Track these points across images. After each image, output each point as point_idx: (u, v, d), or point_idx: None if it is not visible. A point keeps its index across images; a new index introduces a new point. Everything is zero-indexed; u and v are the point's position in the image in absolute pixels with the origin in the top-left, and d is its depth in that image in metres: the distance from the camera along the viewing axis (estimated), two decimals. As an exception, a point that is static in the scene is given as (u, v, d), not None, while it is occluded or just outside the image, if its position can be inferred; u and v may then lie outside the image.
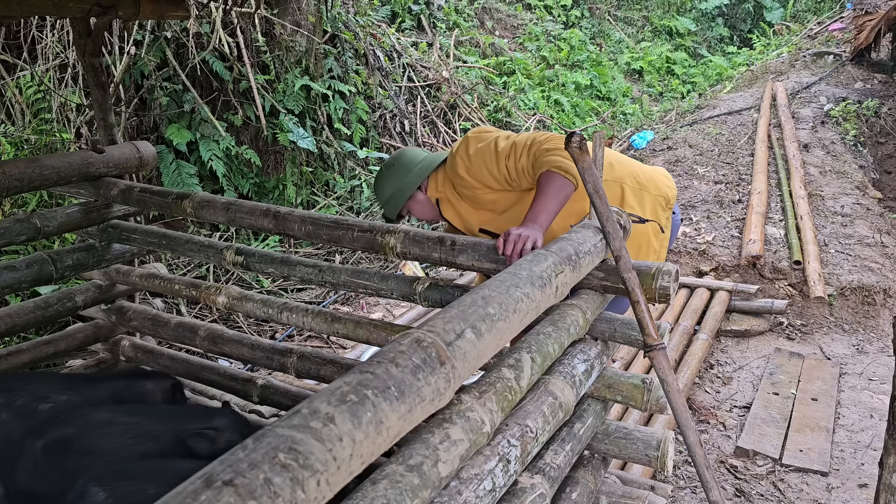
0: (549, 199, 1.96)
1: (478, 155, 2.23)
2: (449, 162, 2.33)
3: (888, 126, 7.11)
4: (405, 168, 2.40)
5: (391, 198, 2.41)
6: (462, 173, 2.26)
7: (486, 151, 2.21)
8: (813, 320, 4.24)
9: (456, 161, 2.27)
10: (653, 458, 1.95)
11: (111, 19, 2.57)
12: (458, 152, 2.28)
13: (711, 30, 13.22)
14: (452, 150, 2.33)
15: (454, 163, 2.28)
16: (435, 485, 1.12)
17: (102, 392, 2.19)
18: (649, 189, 2.33)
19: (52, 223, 2.52)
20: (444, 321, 1.19)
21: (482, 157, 2.22)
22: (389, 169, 2.43)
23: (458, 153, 2.28)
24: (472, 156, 2.24)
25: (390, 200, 2.41)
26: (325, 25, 5.89)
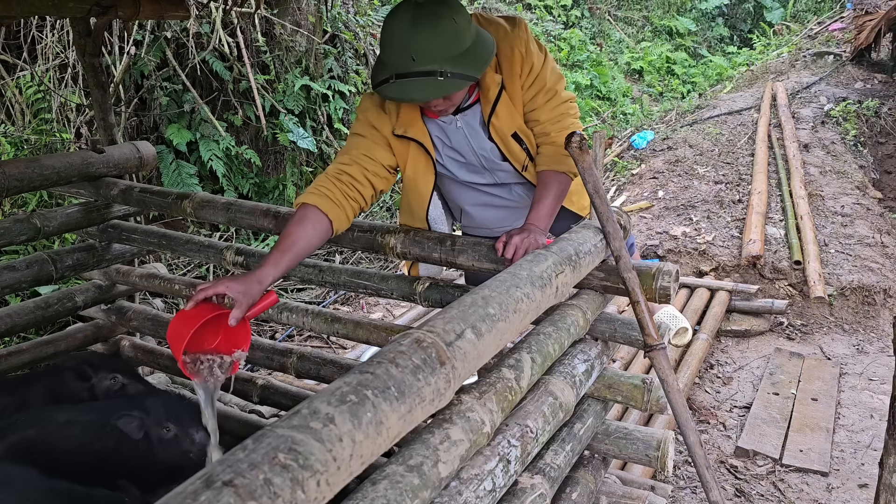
0: (553, 202, 1.92)
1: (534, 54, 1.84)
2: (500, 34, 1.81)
3: (888, 126, 7.11)
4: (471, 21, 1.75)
5: (473, 49, 1.68)
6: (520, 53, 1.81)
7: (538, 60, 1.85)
8: (813, 320, 4.24)
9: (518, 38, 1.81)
10: (653, 459, 1.95)
11: (111, 19, 2.57)
12: (518, 28, 1.82)
13: (711, 30, 13.22)
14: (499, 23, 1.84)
15: (510, 39, 1.80)
16: (435, 485, 1.12)
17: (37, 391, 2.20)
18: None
19: (52, 223, 2.52)
20: (444, 321, 1.19)
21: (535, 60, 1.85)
22: (459, 12, 1.69)
23: (518, 28, 1.82)
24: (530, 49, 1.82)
25: (472, 53, 1.67)
26: (325, 25, 5.89)
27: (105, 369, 2.23)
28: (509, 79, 1.86)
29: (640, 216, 5.54)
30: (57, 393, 2.16)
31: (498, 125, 1.92)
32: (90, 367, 2.20)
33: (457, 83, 1.65)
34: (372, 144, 1.92)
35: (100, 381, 2.20)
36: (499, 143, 1.96)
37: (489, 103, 1.87)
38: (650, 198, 5.85)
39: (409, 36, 1.62)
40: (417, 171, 2.01)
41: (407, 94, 1.68)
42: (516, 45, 1.81)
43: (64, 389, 2.17)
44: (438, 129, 1.96)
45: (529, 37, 1.86)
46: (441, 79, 1.63)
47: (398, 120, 1.91)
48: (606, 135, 7.68)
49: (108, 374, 2.22)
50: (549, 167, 1.93)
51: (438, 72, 1.62)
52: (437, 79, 1.63)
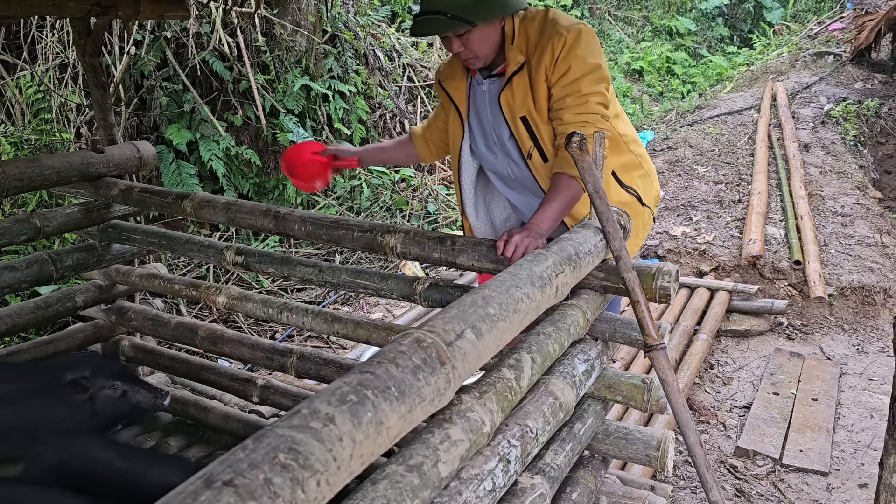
0: (559, 207, 1.91)
1: (577, 58, 1.92)
2: (546, 26, 1.95)
3: (888, 126, 7.11)
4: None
5: (479, 3, 1.88)
6: (557, 49, 1.92)
7: (581, 66, 1.92)
8: (813, 320, 4.24)
9: (560, 36, 1.92)
10: (653, 459, 1.95)
11: (111, 19, 2.57)
12: (570, 31, 1.93)
13: (711, 30, 13.22)
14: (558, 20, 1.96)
15: (555, 34, 1.92)
16: (435, 485, 1.12)
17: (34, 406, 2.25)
18: (653, 180, 2.31)
19: (52, 223, 2.52)
20: (444, 321, 1.19)
21: (576, 63, 1.92)
22: None
23: (569, 32, 1.92)
24: (576, 52, 1.92)
25: (480, 3, 1.88)
26: (325, 25, 5.89)
27: (101, 376, 2.25)
28: (536, 65, 1.96)
29: (640, 216, 5.52)
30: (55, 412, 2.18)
31: (510, 101, 2.03)
32: (86, 379, 2.23)
33: (455, 24, 1.88)
34: (439, 108, 2.32)
35: (99, 391, 2.23)
36: (508, 120, 2.06)
37: (507, 76, 2.02)
38: (650, 198, 5.84)
39: None
40: (454, 123, 2.22)
41: (417, 28, 1.95)
42: (553, 41, 1.93)
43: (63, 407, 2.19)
44: (472, 91, 2.16)
45: (579, 43, 1.93)
46: (443, 18, 1.88)
47: (447, 73, 2.21)
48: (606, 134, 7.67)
49: (105, 381, 2.24)
50: (562, 170, 1.93)
51: (442, 12, 1.87)
52: (440, 17, 1.88)
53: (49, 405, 2.14)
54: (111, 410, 2.26)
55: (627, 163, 2.19)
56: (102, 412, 2.24)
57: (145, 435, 2.70)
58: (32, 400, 2.14)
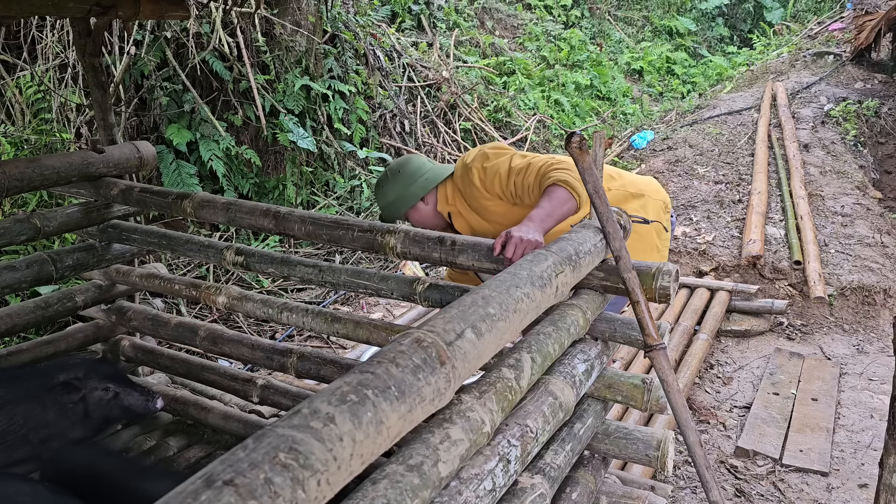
0: (550, 206, 2.00)
1: (493, 168, 2.29)
2: (461, 172, 2.38)
3: (888, 126, 7.11)
4: (410, 177, 2.45)
5: (392, 204, 2.45)
6: (477, 183, 2.31)
7: (502, 166, 2.27)
8: (813, 320, 4.24)
9: (472, 172, 2.33)
10: (653, 458, 1.95)
11: (111, 19, 2.57)
12: (473, 163, 2.34)
13: (711, 30, 13.22)
14: (466, 161, 2.37)
15: (468, 173, 2.34)
16: (435, 485, 1.12)
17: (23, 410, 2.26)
18: (650, 195, 2.45)
19: (52, 223, 2.52)
20: (444, 321, 1.19)
21: (497, 170, 2.27)
22: (394, 175, 2.47)
23: (473, 164, 2.34)
24: (487, 168, 2.30)
25: (391, 206, 2.46)
26: (325, 25, 5.89)
27: (94, 378, 2.26)
28: (473, 199, 2.37)
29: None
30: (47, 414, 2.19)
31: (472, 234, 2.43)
32: (78, 380, 2.24)
33: (386, 220, 2.47)
34: None
35: (91, 392, 2.23)
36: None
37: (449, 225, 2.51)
38: (650, 198, 5.84)
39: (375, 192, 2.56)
40: None
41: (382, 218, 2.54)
42: (476, 177, 2.33)
43: (55, 409, 2.19)
44: None
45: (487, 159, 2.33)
46: (381, 215, 2.54)
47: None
48: (606, 135, 7.68)
49: (98, 383, 2.24)
50: (550, 181, 2.11)
51: (379, 211, 2.55)
52: (381, 215, 2.54)
53: (42, 407, 2.14)
54: (103, 412, 2.27)
55: (611, 197, 2.36)
56: (94, 413, 2.25)
57: (145, 435, 2.70)
58: (24, 403, 2.13)
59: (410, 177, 2.45)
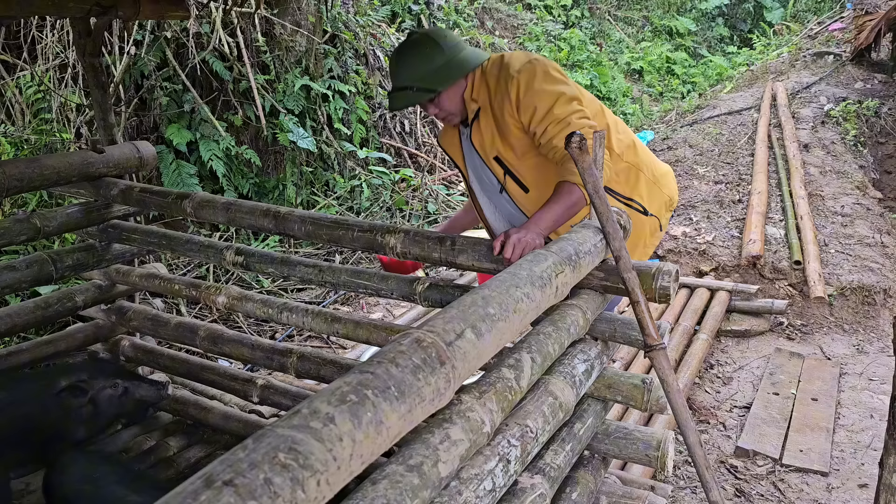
0: (560, 210, 1.92)
1: (536, 94, 1.99)
2: (498, 72, 2.06)
3: (888, 126, 7.11)
4: (458, 45, 2.07)
5: (439, 70, 2.03)
6: (512, 96, 2.01)
7: (545, 99, 1.98)
8: (813, 320, 4.24)
9: (512, 81, 2.01)
10: (653, 458, 1.95)
11: (111, 19, 2.57)
12: (519, 73, 2.01)
13: (711, 30, 13.23)
14: (511, 66, 2.04)
15: (507, 81, 2.01)
16: (435, 485, 1.12)
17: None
18: (661, 186, 2.31)
19: (52, 223, 2.52)
20: (444, 321, 1.19)
21: (537, 100, 1.99)
22: (440, 38, 2.07)
23: (518, 74, 2.01)
24: (530, 89, 1.99)
25: (437, 73, 2.03)
26: (325, 25, 5.89)
27: (99, 377, 2.24)
28: (498, 109, 2.09)
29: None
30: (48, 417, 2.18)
31: (481, 143, 2.18)
32: (84, 382, 2.22)
33: (421, 94, 2.08)
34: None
35: (100, 392, 2.22)
36: (485, 159, 2.20)
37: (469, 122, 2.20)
38: (650, 198, 5.84)
39: (394, 62, 2.14)
40: (463, 177, 2.40)
41: (392, 103, 2.16)
42: (511, 86, 2.03)
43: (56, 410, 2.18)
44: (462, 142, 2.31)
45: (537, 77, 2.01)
46: (410, 92, 2.08)
47: (442, 133, 2.40)
48: (606, 135, 7.67)
49: (105, 381, 2.23)
50: (564, 177, 1.96)
51: (408, 86, 2.08)
52: (408, 92, 2.09)
53: (43, 409, 2.13)
54: (115, 409, 2.25)
55: (622, 171, 2.22)
56: (106, 412, 2.23)
57: (145, 435, 2.70)
58: (26, 405, 2.12)
59: (458, 45, 2.07)
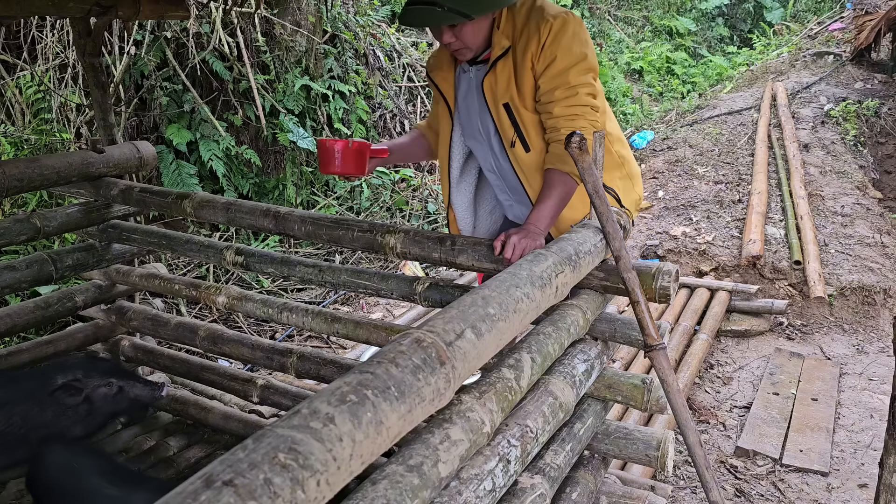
0: (557, 205, 1.90)
1: (563, 48, 1.88)
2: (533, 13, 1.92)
3: (888, 126, 7.11)
4: None
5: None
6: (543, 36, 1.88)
7: (565, 58, 1.88)
8: (813, 320, 4.24)
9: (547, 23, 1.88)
10: (653, 458, 1.95)
11: (111, 19, 2.57)
12: (556, 19, 1.89)
13: (711, 30, 13.22)
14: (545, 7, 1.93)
15: (542, 20, 1.89)
16: (435, 485, 1.12)
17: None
18: (634, 184, 2.25)
19: (52, 223, 2.52)
20: (444, 321, 1.19)
21: (561, 53, 1.88)
22: None
23: (555, 20, 1.89)
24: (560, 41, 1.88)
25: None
26: (325, 25, 5.89)
27: (94, 376, 2.25)
28: (522, 52, 1.93)
29: (640, 216, 5.54)
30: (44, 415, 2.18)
31: (493, 87, 1.99)
32: (78, 381, 2.22)
33: (450, 16, 1.84)
34: (434, 103, 2.28)
35: (94, 390, 2.22)
36: (491, 107, 2.02)
37: (491, 61, 1.98)
38: (650, 198, 5.85)
39: None
40: (442, 113, 2.20)
41: (410, 18, 1.90)
42: (542, 28, 1.89)
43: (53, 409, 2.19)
44: (458, 79, 2.13)
45: (566, 31, 1.89)
46: (438, 10, 1.83)
47: (434, 64, 2.18)
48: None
49: (100, 380, 2.23)
50: (555, 166, 1.91)
51: (438, 3, 1.82)
52: (435, 9, 1.84)
53: (40, 407, 2.13)
54: (110, 408, 2.25)
55: (608, 162, 2.11)
56: (101, 410, 2.23)
57: (145, 435, 2.70)
58: (22, 403, 2.13)
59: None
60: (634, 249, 4.94)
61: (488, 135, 2.09)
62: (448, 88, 2.14)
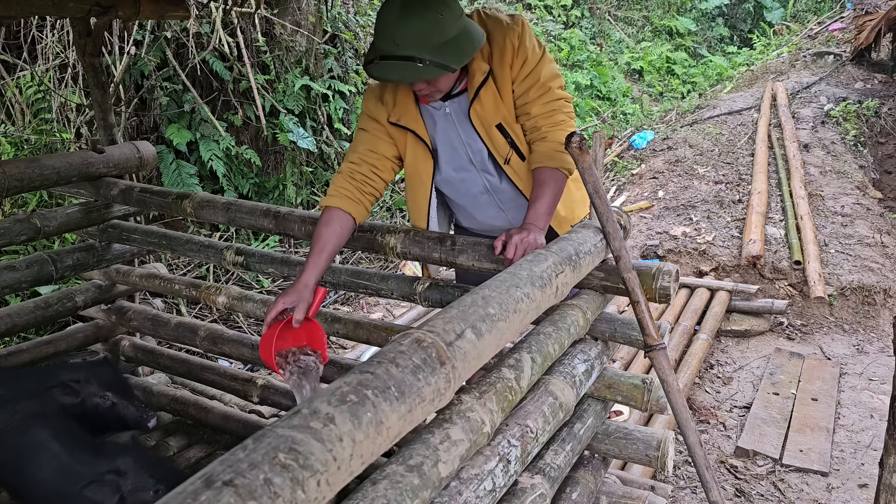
0: (550, 201, 1.89)
1: (529, 49, 1.88)
2: (493, 27, 1.89)
3: (888, 126, 7.11)
4: (462, 19, 1.81)
5: (456, 42, 1.75)
6: (515, 42, 1.87)
7: (533, 54, 1.88)
8: (813, 320, 4.24)
9: (511, 29, 1.86)
10: (653, 458, 1.95)
11: (111, 19, 2.57)
12: (514, 22, 1.87)
13: (711, 30, 13.23)
14: (495, 17, 1.91)
15: (505, 30, 1.87)
16: (435, 485, 1.12)
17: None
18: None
19: (52, 223, 2.52)
20: (444, 321, 1.19)
21: (531, 52, 1.88)
22: (450, 5, 1.78)
23: (514, 23, 1.87)
24: (525, 42, 1.87)
25: (455, 46, 1.75)
26: (325, 25, 5.89)
27: (94, 384, 2.23)
28: (499, 68, 1.90)
29: (640, 216, 5.54)
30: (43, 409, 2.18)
31: (481, 113, 1.94)
32: (77, 383, 2.20)
33: (433, 70, 1.74)
34: (374, 139, 2.03)
35: (89, 398, 2.21)
36: (481, 132, 1.97)
37: (473, 90, 1.92)
38: (650, 198, 5.85)
39: (395, 22, 1.74)
40: (417, 158, 2.05)
41: (386, 74, 1.79)
42: (509, 36, 1.87)
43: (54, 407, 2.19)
44: (430, 117, 2.01)
45: (526, 31, 1.90)
46: (420, 65, 1.73)
47: (394, 108, 2.00)
48: (606, 135, 7.68)
49: (97, 389, 2.21)
50: (543, 164, 1.90)
51: (417, 58, 1.72)
52: (416, 64, 1.73)
53: (42, 405, 2.13)
54: (98, 420, 2.22)
55: None
56: (90, 419, 2.22)
57: (145, 435, 2.70)
58: (25, 400, 2.13)
59: (462, 11, 1.82)
60: (634, 249, 4.94)
61: (482, 160, 2.02)
62: (422, 131, 1.99)
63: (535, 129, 1.93)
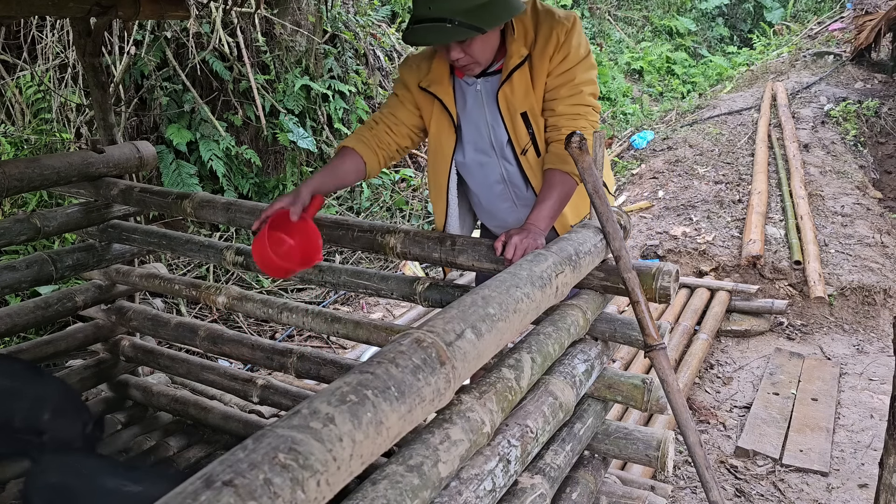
0: (558, 206, 1.89)
1: (574, 47, 1.89)
2: (544, 17, 1.91)
3: (888, 126, 7.11)
4: None
5: (491, 5, 1.77)
6: (561, 36, 1.88)
7: (575, 54, 1.90)
8: (813, 320, 4.24)
9: (560, 24, 1.88)
10: (653, 459, 1.95)
11: (111, 19, 2.57)
12: (567, 19, 1.89)
13: (711, 30, 13.23)
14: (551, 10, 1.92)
15: (554, 23, 1.88)
16: (435, 485, 1.12)
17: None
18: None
19: (52, 223, 2.52)
20: (444, 321, 1.19)
21: (573, 51, 1.89)
22: None
23: (567, 20, 1.89)
24: (571, 41, 1.89)
25: (489, 8, 1.76)
26: (325, 25, 5.89)
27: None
28: (539, 58, 1.91)
29: (640, 216, 5.54)
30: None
31: (510, 97, 1.95)
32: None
33: (462, 31, 1.76)
34: (398, 104, 2.10)
35: None
36: (506, 117, 1.98)
37: (507, 70, 1.93)
38: (650, 198, 5.85)
39: None
40: (441, 130, 2.08)
41: (419, 38, 1.82)
42: (556, 29, 1.89)
43: None
44: (461, 94, 2.04)
45: (575, 30, 1.91)
46: (449, 26, 1.75)
47: (427, 74, 2.04)
48: (606, 135, 7.68)
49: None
50: (555, 166, 1.90)
51: (448, 19, 1.74)
52: (445, 25, 1.75)
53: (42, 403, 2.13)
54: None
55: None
56: None
57: (145, 435, 2.70)
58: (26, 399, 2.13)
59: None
60: (634, 249, 4.94)
61: (501, 146, 2.04)
62: (450, 102, 2.02)
63: (556, 127, 1.93)
